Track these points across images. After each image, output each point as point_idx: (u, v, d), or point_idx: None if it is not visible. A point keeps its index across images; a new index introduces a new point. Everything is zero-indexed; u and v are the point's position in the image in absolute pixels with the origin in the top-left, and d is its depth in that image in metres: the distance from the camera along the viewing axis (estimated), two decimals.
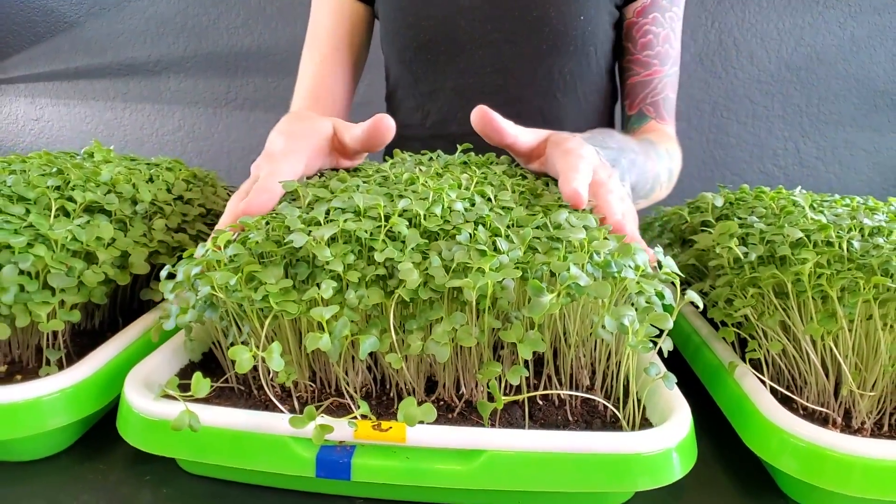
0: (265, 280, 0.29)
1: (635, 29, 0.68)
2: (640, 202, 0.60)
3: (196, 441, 0.29)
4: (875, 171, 1.60)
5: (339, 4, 0.72)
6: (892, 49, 1.51)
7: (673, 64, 0.70)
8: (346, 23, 0.72)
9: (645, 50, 0.68)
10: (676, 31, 0.70)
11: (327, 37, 0.72)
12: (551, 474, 0.27)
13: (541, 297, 0.27)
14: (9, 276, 0.32)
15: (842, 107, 1.55)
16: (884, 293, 0.33)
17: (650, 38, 0.68)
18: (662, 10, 0.67)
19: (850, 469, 0.30)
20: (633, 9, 0.68)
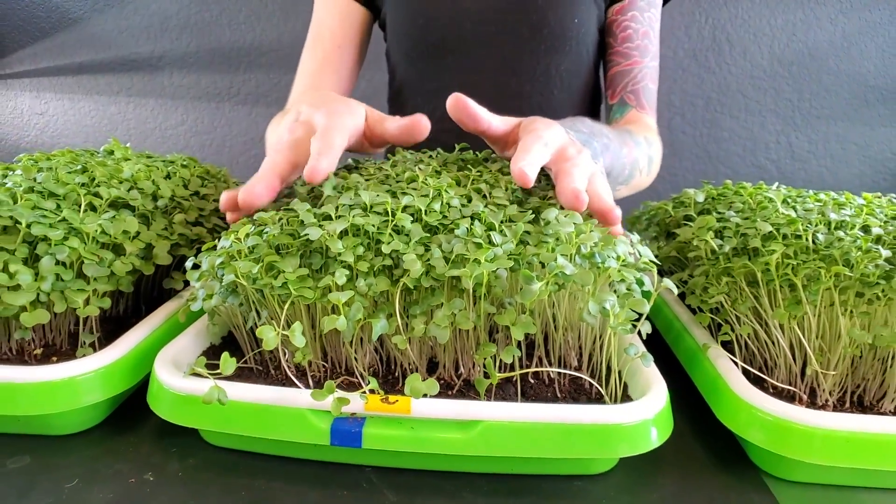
0: (284, 269, 0.32)
1: (615, 25, 0.74)
2: (621, 188, 0.64)
3: (222, 413, 0.32)
4: (866, 164, 1.63)
5: (342, 6, 0.76)
6: (882, 45, 1.53)
7: (652, 58, 0.75)
8: (348, 23, 0.76)
9: (625, 43, 0.73)
10: (655, 30, 0.75)
11: (329, 35, 0.75)
12: (540, 442, 0.31)
13: (531, 284, 0.31)
14: (47, 266, 0.36)
15: (833, 101, 1.58)
16: (844, 281, 0.36)
17: (629, 32, 0.73)
18: (641, 10, 0.73)
19: (810, 439, 0.33)
20: (614, 9, 0.74)
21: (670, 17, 1.54)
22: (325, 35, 0.76)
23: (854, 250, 0.37)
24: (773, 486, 0.35)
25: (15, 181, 0.42)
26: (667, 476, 0.35)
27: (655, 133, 0.74)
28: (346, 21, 0.76)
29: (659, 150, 0.73)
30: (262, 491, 0.32)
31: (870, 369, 0.38)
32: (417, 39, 0.74)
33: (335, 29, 0.76)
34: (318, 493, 0.32)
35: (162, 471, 0.34)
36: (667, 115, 1.58)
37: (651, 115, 0.77)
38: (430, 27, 0.72)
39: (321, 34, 0.76)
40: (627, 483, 0.34)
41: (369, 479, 0.33)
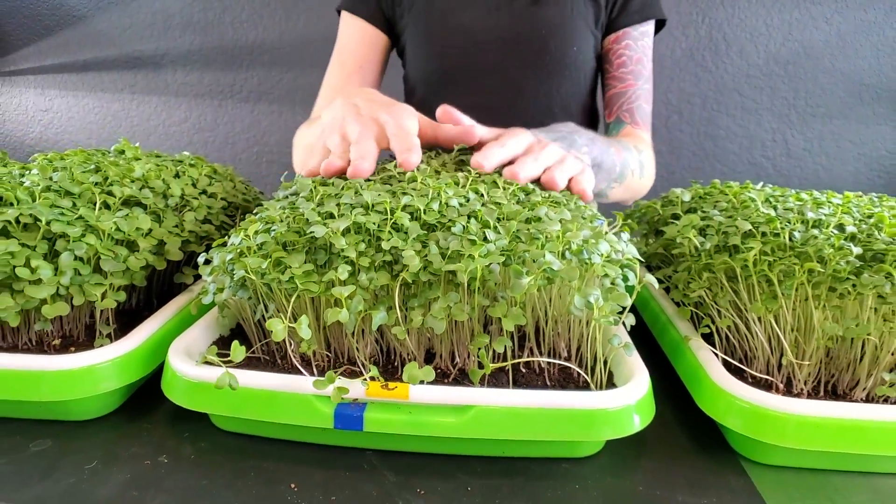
0: (290, 264, 0.34)
1: (612, 53, 0.84)
2: (615, 186, 0.69)
3: (232, 399, 0.34)
4: (861, 161, 1.65)
5: (365, 31, 0.86)
6: (877, 44, 1.55)
7: (646, 81, 0.85)
8: (369, 46, 0.86)
9: (621, 68, 0.84)
10: (648, 56, 0.85)
11: (352, 57, 0.85)
12: (529, 426, 0.33)
13: (521, 278, 0.33)
14: (66, 261, 0.38)
15: (828, 100, 1.60)
16: (817, 277, 0.39)
17: (624, 59, 0.84)
18: (634, 39, 0.84)
19: (784, 425, 0.35)
20: (610, 38, 0.85)
21: (668, 17, 1.55)
22: (348, 56, 0.85)
23: (827, 247, 0.39)
24: (749, 469, 0.37)
25: (32, 180, 0.44)
26: (649, 459, 0.38)
27: (648, 145, 0.84)
28: (367, 44, 0.86)
29: (651, 158, 0.82)
30: (269, 472, 0.35)
31: (843, 360, 0.41)
32: (436, 66, 0.85)
33: (357, 50, 0.85)
34: (322, 473, 0.34)
35: (175, 454, 0.36)
36: (664, 113, 1.60)
37: (645, 130, 0.85)
38: (447, 55, 0.84)
39: (344, 54, 0.86)
40: (612, 465, 0.37)
41: (370, 461, 0.36)
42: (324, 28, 1.55)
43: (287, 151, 1.70)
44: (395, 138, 0.47)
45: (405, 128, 0.48)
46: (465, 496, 0.33)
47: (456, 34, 0.83)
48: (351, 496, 0.33)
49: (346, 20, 0.87)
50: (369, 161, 0.45)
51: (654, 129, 1.39)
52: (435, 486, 0.34)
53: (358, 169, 0.44)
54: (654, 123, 0.85)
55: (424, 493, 0.33)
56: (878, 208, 0.48)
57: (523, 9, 0.82)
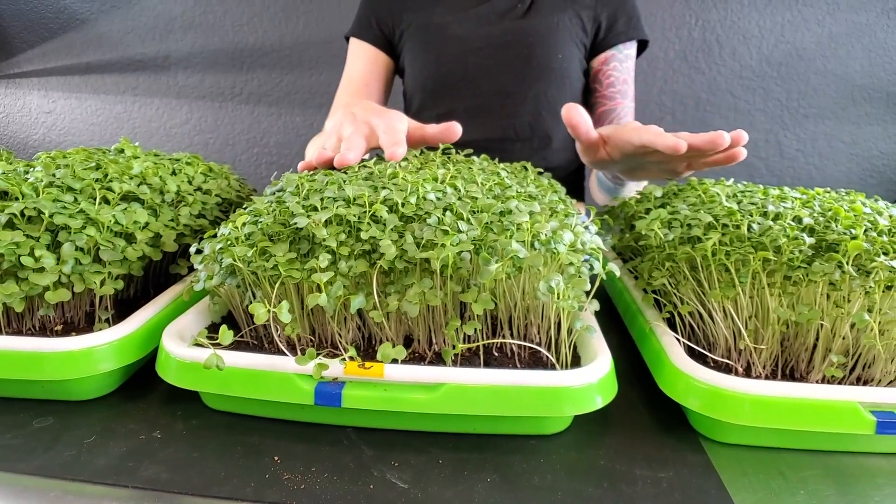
0: (275, 253, 0.37)
1: (601, 74, 0.93)
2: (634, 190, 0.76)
3: (221, 378, 0.37)
4: (853, 161, 1.67)
5: (369, 53, 0.96)
6: (868, 45, 1.57)
7: (631, 100, 0.94)
8: (374, 67, 0.96)
9: (609, 88, 0.93)
10: (632, 78, 0.95)
11: (359, 76, 0.96)
12: (495, 402, 0.35)
13: (488, 265, 0.35)
14: (68, 251, 0.40)
15: (821, 101, 1.62)
16: (772, 265, 0.41)
17: (612, 79, 0.93)
18: (620, 61, 0.93)
19: (737, 404, 0.38)
20: (598, 60, 0.94)
21: (661, 19, 1.58)
22: (355, 76, 0.96)
23: (782, 238, 0.41)
24: (707, 447, 0.40)
25: (36, 176, 0.47)
26: (613, 437, 0.40)
27: None
28: (372, 65, 0.96)
29: None
30: (254, 446, 0.37)
31: (800, 345, 0.43)
32: (432, 72, 0.93)
33: (363, 71, 0.96)
34: (303, 447, 0.37)
35: (168, 429, 0.39)
36: (657, 114, 1.63)
37: None
38: (442, 62, 0.92)
39: (352, 76, 0.97)
40: (576, 442, 0.39)
41: (349, 436, 0.38)
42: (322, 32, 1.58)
43: (286, 153, 1.73)
44: (384, 135, 0.53)
45: (394, 127, 0.55)
46: (435, 468, 0.36)
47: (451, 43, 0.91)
48: (329, 467, 0.35)
49: (353, 45, 0.97)
50: (354, 152, 0.51)
51: None
52: (408, 460, 0.36)
53: (343, 157, 0.50)
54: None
55: (398, 466, 0.36)
56: (839, 203, 0.51)
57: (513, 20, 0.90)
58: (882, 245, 0.42)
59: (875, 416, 0.37)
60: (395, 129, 0.54)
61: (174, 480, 0.34)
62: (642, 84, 1.60)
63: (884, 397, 0.38)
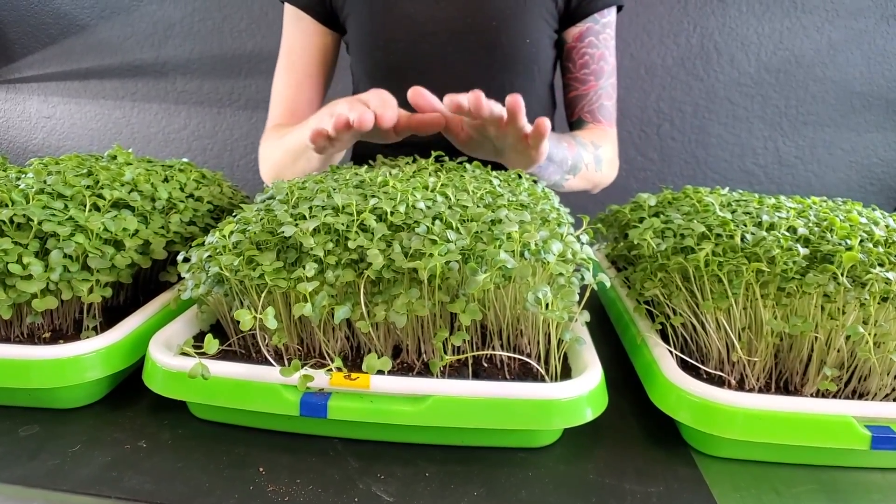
0: (262, 262, 0.37)
1: (574, 52, 0.81)
2: (569, 178, 0.70)
3: (206, 388, 0.37)
4: (852, 169, 1.66)
5: (311, 33, 0.81)
6: (867, 52, 1.57)
7: (608, 77, 0.83)
8: (317, 48, 0.82)
9: (582, 69, 0.81)
10: (611, 48, 0.82)
11: (301, 63, 0.82)
12: (483, 415, 0.35)
13: (476, 275, 0.35)
14: (56, 258, 0.40)
15: (820, 108, 1.62)
16: (765, 277, 0.41)
17: (586, 59, 0.81)
18: (596, 33, 0.80)
19: (729, 418, 0.37)
20: (571, 34, 0.81)
21: (659, 26, 1.58)
22: (297, 63, 0.82)
23: (776, 248, 0.41)
24: (699, 460, 0.39)
25: (27, 183, 0.47)
26: (603, 449, 0.39)
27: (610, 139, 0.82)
28: (315, 46, 0.82)
29: (611, 151, 0.81)
30: (240, 456, 0.37)
31: (795, 357, 0.42)
32: (379, 60, 0.79)
33: (305, 56, 0.82)
34: (289, 458, 0.37)
35: (154, 439, 0.38)
36: (656, 121, 1.62)
37: (609, 126, 0.84)
38: (391, 48, 0.77)
39: (293, 61, 0.82)
40: (566, 455, 0.39)
41: (335, 447, 0.38)
42: None
43: None
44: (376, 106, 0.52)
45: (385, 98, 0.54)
46: (422, 481, 0.35)
47: (400, 25, 0.77)
48: (314, 479, 0.35)
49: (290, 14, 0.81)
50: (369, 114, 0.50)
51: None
52: (395, 472, 0.36)
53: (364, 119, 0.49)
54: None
55: (384, 478, 0.35)
56: (835, 213, 0.50)
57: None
58: (878, 256, 0.42)
59: (870, 431, 0.37)
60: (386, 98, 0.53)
61: (157, 491, 0.34)
62: (640, 91, 1.60)
63: (879, 412, 0.37)
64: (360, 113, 0.49)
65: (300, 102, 0.82)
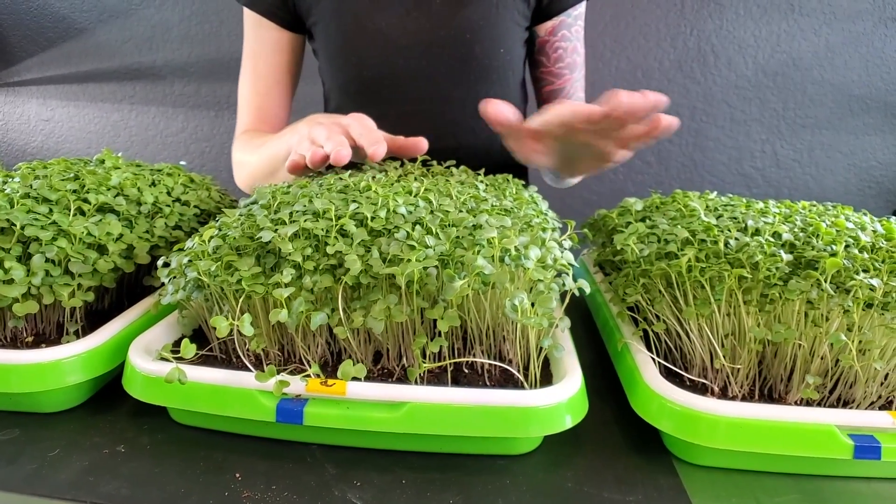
0: (240, 267, 0.37)
1: (548, 46, 0.80)
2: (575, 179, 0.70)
3: (184, 393, 0.36)
4: (850, 172, 1.66)
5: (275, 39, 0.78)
6: (865, 55, 1.56)
7: (580, 69, 0.82)
8: (282, 55, 0.79)
9: (557, 63, 0.80)
10: (581, 41, 0.82)
11: (266, 70, 0.79)
12: (460, 422, 0.35)
13: (454, 282, 0.35)
14: (37, 263, 0.40)
15: (818, 111, 1.61)
16: (747, 283, 0.40)
17: (560, 52, 0.79)
18: (568, 26, 0.79)
19: (711, 426, 0.37)
20: (544, 28, 0.79)
21: (656, 29, 1.58)
22: (263, 69, 0.79)
23: (759, 254, 0.41)
24: (680, 469, 0.39)
25: (13, 187, 0.47)
26: (583, 457, 0.39)
27: None
28: (280, 51, 0.79)
29: None
30: (217, 461, 0.37)
31: (780, 365, 0.42)
32: (352, 75, 0.77)
33: (271, 62, 0.79)
34: (266, 464, 0.36)
35: (133, 444, 0.38)
36: None
37: None
38: (364, 64, 0.76)
39: (258, 68, 0.79)
40: (546, 462, 0.38)
41: (313, 454, 0.38)
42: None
43: None
44: (361, 136, 0.52)
45: (369, 127, 0.53)
46: (398, 488, 0.35)
47: (374, 40, 0.75)
48: (291, 485, 0.35)
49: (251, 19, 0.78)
50: (346, 149, 0.49)
51: None
52: (371, 479, 0.35)
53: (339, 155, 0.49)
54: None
55: (360, 485, 0.35)
56: (823, 217, 0.50)
57: (443, 9, 0.74)
58: (862, 262, 0.41)
59: (853, 440, 0.36)
60: (372, 129, 0.52)
61: (133, 496, 0.34)
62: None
63: (862, 420, 0.37)
64: (337, 150, 0.49)
65: (270, 108, 0.81)
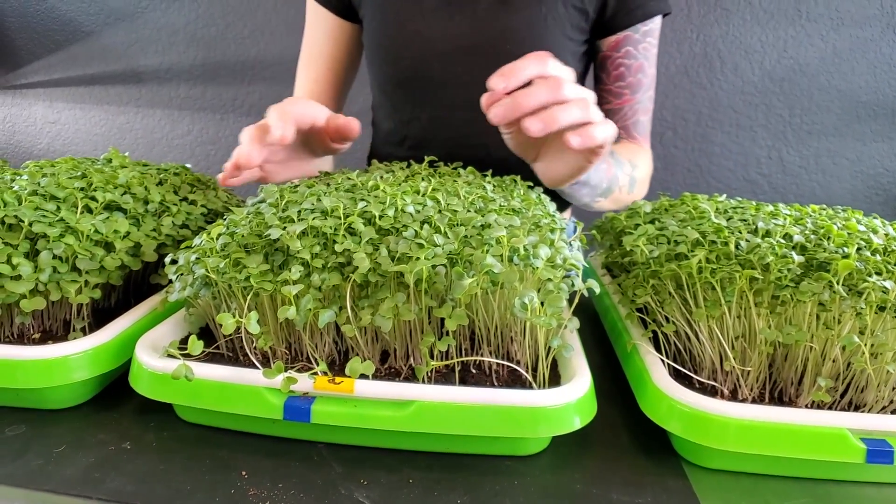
0: (248, 264, 0.36)
1: (609, 62, 0.74)
2: (601, 200, 0.66)
3: (191, 390, 0.36)
4: (857, 179, 1.65)
5: (334, 27, 0.80)
6: (873, 61, 1.56)
7: (645, 90, 0.76)
8: (338, 43, 0.80)
9: (617, 81, 0.74)
10: (651, 59, 0.75)
11: (321, 58, 0.80)
12: (468, 421, 0.35)
13: (462, 280, 0.35)
14: (45, 259, 0.40)
15: (824, 117, 1.61)
16: (758, 284, 0.40)
17: (622, 70, 0.74)
18: (635, 42, 0.73)
19: (721, 429, 0.36)
20: (607, 43, 0.74)
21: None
22: (317, 57, 0.81)
23: (770, 255, 0.40)
24: (689, 471, 0.38)
25: (21, 185, 0.47)
26: (592, 459, 0.39)
27: (646, 157, 0.76)
28: (336, 41, 0.80)
29: (646, 172, 0.75)
30: (223, 459, 0.36)
31: (790, 367, 0.42)
32: (388, 73, 0.77)
33: (325, 51, 0.80)
34: (272, 462, 0.36)
35: (139, 441, 0.38)
36: (658, 129, 1.62)
37: (644, 141, 0.79)
38: (400, 64, 0.75)
39: (313, 56, 0.81)
40: (553, 463, 0.38)
41: (320, 452, 0.37)
42: None
43: None
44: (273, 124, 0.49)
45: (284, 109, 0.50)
46: (405, 488, 0.35)
47: (411, 42, 0.74)
48: (297, 484, 0.34)
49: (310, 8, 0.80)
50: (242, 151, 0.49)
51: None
52: (378, 478, 0.35)
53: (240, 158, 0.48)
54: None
55: (367, 484, 0.35)
56: (833, 220, 0.50)
57: (487, 15, 0.71)
58: (875, 264, 0.41)
59: (865, 444, 0.36)
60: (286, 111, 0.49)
61: (138, 493, 0.34)
62: None
63: (875, 424, 0.37)
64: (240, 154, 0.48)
65: (320, 95, 0.81)
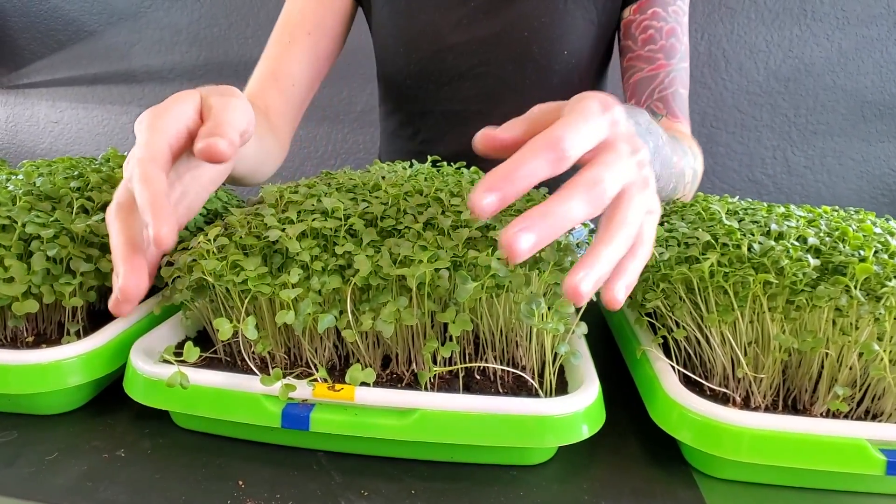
0: (246, 267, 0.35)
1: (634, 26, 0.66)
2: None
3: (186, 397, 0.35)
4: (863, 179, 1.63)
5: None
6: (879, 61, 1.54)
7: (681, 58, 0.66)
8: (324, 9, 0.69)
9: (647, 45, 0.65)
10: (683, 24, 0.66)
11: (300, 19, 0.69)
12: (472, 430, 0.33)
13: (466, 283, 0.34)
14: (38, 261, 0.39)
15: (830, 117, 1.59)
16: (773, 288, 0.39)
17: (651, 32, 0.64)
18: (664, 4, 0.65)
19: (733, 438, 0.35)
20: (630, 8, 0.67)
21: None
22: (295, 18, 0.68)
23: (785, 259, 0.39)
24: (700, 482, 0.37)
25: (16, 185, 0.46)
26: (599, 468, 0.38)
27: (696, 143, 0.68)
28: (322, 6, 0.69)
29: (701, 163, 0.65)
30: (220, 468, 0.35)
31: (805, 374, 0.40)
32: (400, 66, 0.72)
33: (307, 13, 0.68)
34: (270, 471, 0.35)
35: (133, 448, 0.37)
36: None
37: (685, 124, 0.69)
38: (412, 57, 0.70)
39: (291, 17, 0.69)
40: (560, 473, 0.37)
41: (319, 461, 0.36)
42: None
43: (288, 165, 1.73)
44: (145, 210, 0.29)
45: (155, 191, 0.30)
46: (407, 498, 0.33)
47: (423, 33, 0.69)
48: (295, 494, 0.33)
49: None
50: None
51: None
52: (379, 488, 0.34)
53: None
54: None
55: (367, 495, 0.33)
56: (847, 222, 0.48)
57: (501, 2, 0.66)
58: (893, 268, 0.40)
59: (885, 456, 0.34)
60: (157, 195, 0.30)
61: (132, 502, 0.33)
62: None
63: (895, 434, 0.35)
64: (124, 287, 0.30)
65: (288, 64, 0.68)
